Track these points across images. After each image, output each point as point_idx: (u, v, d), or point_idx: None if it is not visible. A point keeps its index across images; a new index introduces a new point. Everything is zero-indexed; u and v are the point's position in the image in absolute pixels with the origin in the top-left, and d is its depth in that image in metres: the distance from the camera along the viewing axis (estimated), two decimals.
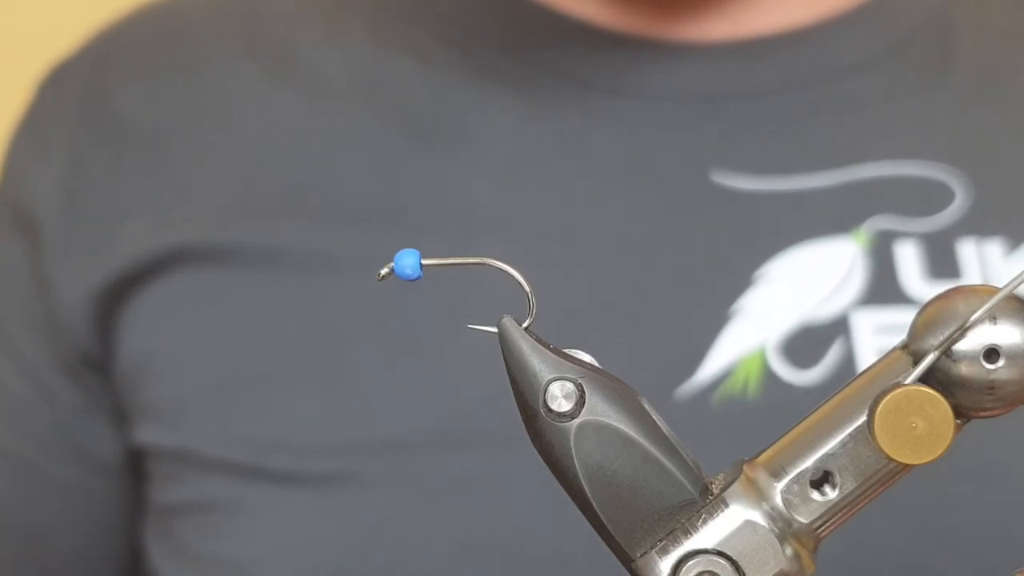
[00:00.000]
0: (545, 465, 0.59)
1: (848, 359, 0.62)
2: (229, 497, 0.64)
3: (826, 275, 0.64)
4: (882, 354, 0.61)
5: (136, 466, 0.70)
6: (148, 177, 0.69)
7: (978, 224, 0.65)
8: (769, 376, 0.62)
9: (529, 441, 0.60)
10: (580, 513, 0.39)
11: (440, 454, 0.62)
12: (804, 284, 0.64)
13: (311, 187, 0.67)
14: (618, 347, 0.62)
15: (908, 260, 0.64)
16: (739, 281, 0.64)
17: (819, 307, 0.63)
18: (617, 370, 0.62)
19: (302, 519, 0.63)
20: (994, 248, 0.64)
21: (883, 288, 0.64)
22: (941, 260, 0.64)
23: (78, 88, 0.72)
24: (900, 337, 0.62)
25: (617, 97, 0.67)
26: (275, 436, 0.64)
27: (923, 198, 0.65)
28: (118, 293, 0.68)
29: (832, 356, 0.62)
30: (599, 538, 0.43)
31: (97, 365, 0.69)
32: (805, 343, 0.63)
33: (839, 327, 0.63)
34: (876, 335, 0.63)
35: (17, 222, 0.71)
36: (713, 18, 0.68)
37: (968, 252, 0.64)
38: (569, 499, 0.57)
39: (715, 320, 0.63)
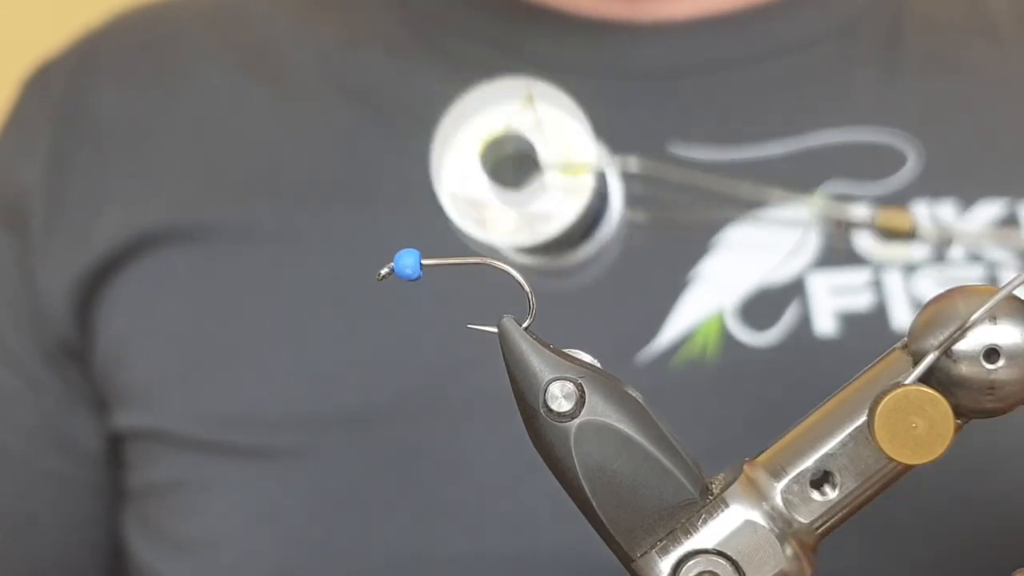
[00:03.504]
0: (505, 434, 0.61)
1: (804, 320, 0.63)
2: (198, 474, 0.65)
3: (782, 239, 0.65)
4: (837, 314, 0.63)
5: (115, 455, 0.71)
6: (125, 171, 0.70)
7: (930, 186, 0.66)
8: (727, 339, 0.63)
9: (488, 411, 0.62)
10: (542, 479, 0.39)
11: (401, 425, 0.63)
12: (760, 249, 0.65)
13: (279, 169, 0.68)
14: (579, 314, 0.63)
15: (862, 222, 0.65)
16: (696, 248, 0.65)
17: (775, 270, 0.64)
18: (578, 337, 0.63)
19: (268, 493, 0.64)
20: (946, 208, 0.66)
21: (837, 250, 0.64)
22: None
23: (61, 86, 0.73)
24: (854, 297, 0.64)
25: (577, 76, 0.68)
26: (241, 412, 0.65)
27: (875, 163, 0.67)
28: (96, 281, 0.68)
29: (788, 317, 0.63)
30: (561, 500, 0.43)
31: (77, 354, 0.69)
32: (762, 305, 0.64)
33: (795, 289, 0.64)
34: (831, 296, 0.64)
35: (3, 216, 0.71)
36: None
37: (921, 213, 0.65)
38: (531, 467, 0.58)
39: (673, 286, 0.64)
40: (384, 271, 0.38)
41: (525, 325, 0.38)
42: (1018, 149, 0.69)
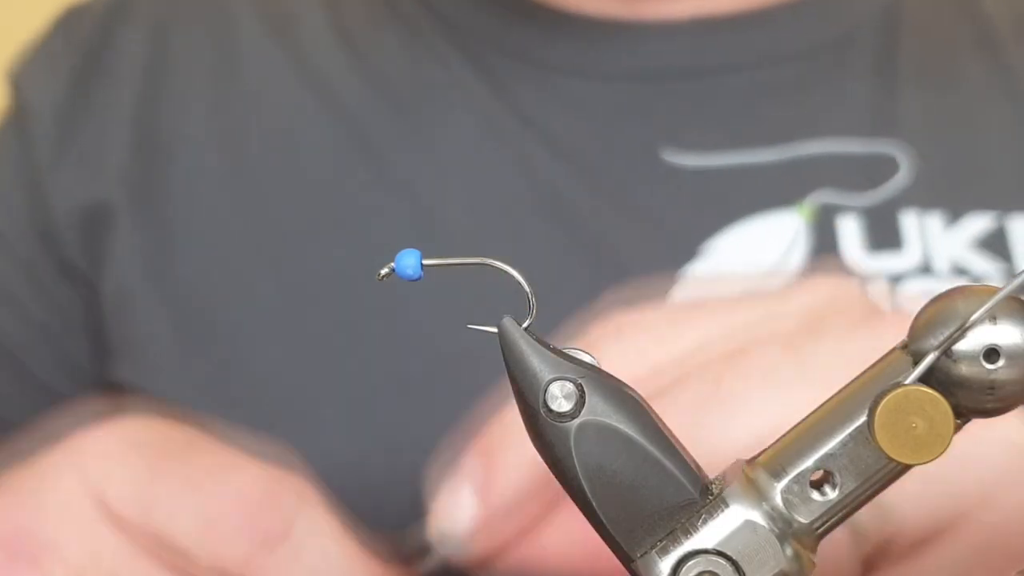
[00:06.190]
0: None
1: None
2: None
3: (769, 247, 0.65)
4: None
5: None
6: (142, 112, 0.72)
7: (920, 196, 0.67)
8: None
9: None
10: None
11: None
12: (748, 256, 0.65)
13: (294, 141, 0.70)
14: (566, 317, 0.64)
15: (849, 233, 0.66)
16: (685, 253, 0.65)
17: (761, 280, 0.64)
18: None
19: None
20: (935, 220, 0.66)
21: (824, 260, 0.65)
22: (883, 231, 0.66)
23: (91, 25, 0.75)
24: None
25: (576, 77, 0.69)
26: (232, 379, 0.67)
27: (866, 173, 0.67)
28: (104, 218, 0.69)
29: None
30: None
31: (85, 281, 0.70)
32: None
33: None
34: None
35: (19, 125, 0.73)
36: None
37: (910, 223, 0.66)
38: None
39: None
40: (384, 271, 0.38)
41: (525, 325, 0.38)
42: (1010, 163, 0.69)
